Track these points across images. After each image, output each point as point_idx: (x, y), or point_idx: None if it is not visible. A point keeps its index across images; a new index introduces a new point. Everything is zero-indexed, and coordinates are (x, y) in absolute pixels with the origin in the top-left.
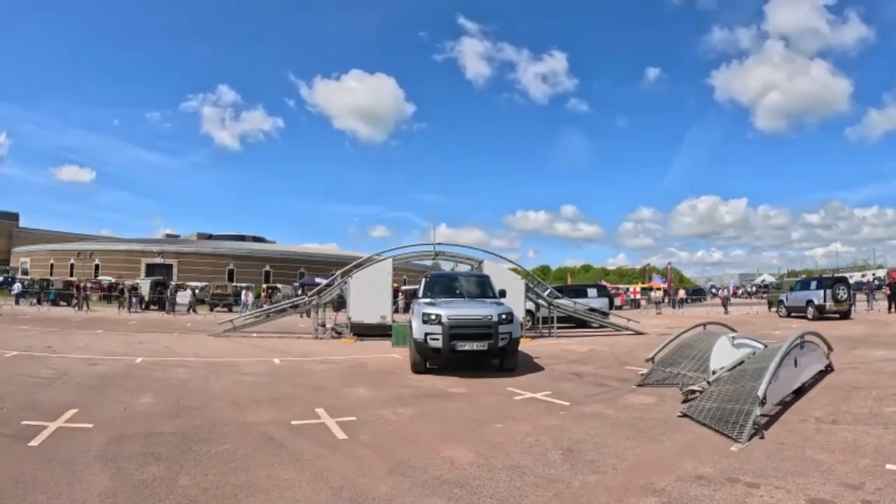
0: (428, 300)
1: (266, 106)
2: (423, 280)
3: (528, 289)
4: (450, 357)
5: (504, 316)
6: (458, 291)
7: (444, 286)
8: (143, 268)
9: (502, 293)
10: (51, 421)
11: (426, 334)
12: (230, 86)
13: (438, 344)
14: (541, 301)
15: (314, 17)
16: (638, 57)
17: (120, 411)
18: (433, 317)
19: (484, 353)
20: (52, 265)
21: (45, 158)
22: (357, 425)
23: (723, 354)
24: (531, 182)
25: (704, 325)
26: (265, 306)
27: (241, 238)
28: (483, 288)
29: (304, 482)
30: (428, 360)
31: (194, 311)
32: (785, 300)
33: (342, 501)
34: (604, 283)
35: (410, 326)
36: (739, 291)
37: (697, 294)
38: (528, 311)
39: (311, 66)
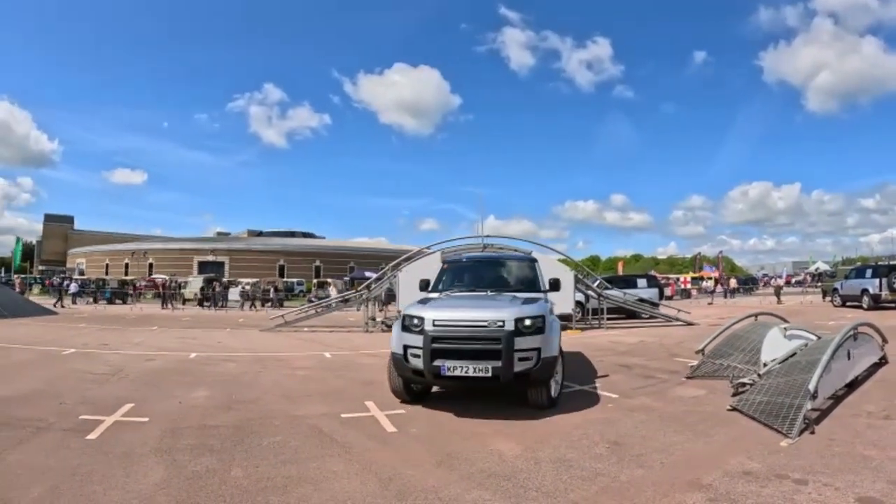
0: (428, 295)
1: (312, 103)
2: (441, 268)
3: (577, 280)
4: (444, 384)
5: (528, 322)
6: (485, 282)
7: (468, 274)
8: (195, 265)
9: (554, 284)
10: (108, 415)
11: (405, 347)
12: (276, 84)
13: (420, 363)
14: (590, 292)
15: (353, 14)
16: (683, 40)
17: (175, 405)
18: (416, 321)
19: (488, 382)
20: (107, 265)
21: (97, 162)
22: (406, 418)
23: (774, 346)
24: (579, 171)
25: (756, 315)
26: (314, 301)
27: (291, 234)
28: (522, 277)
29: (353, 474)
30: (413, 385)
31: (253, 306)
32: (839, 289)
33: (390, 493)
34: (654, 273)
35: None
36: (792, 280)
37: (749, 283)
38: (578, 303)
39: (353, 62)
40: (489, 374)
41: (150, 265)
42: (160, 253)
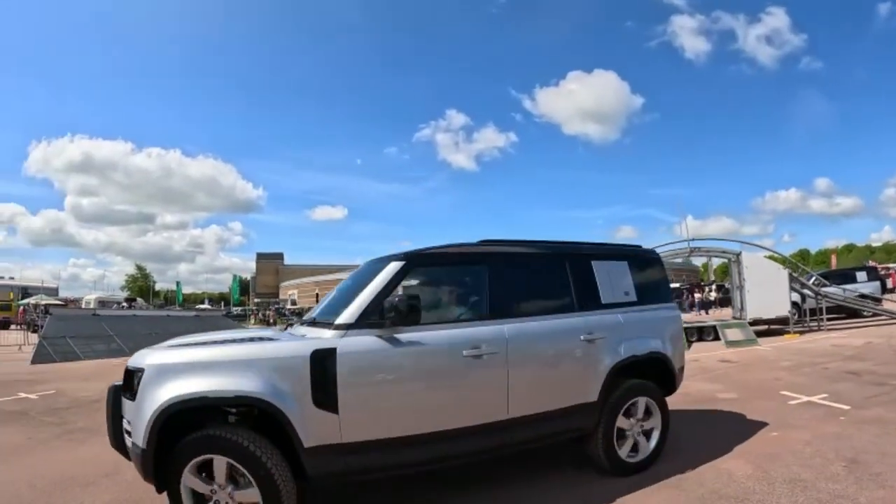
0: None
1: (496, 123)
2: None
3: (791, 278)
4: None
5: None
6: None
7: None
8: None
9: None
10: None
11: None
12: (458, 109)
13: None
14: (806, 291)
15: (515, 30)
16: None
17: None
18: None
19: None
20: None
21: (300, 203)
22: None
23: None
24: (776, 158)
25: None
26: None
27: None
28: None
29: (576, 495)
30: None
31: None
32: None
33: None
34: (872, 263)
35: None
36: None
37: None
38: (794, 304)
39: (527, 77)
40: None
41: None
42: None
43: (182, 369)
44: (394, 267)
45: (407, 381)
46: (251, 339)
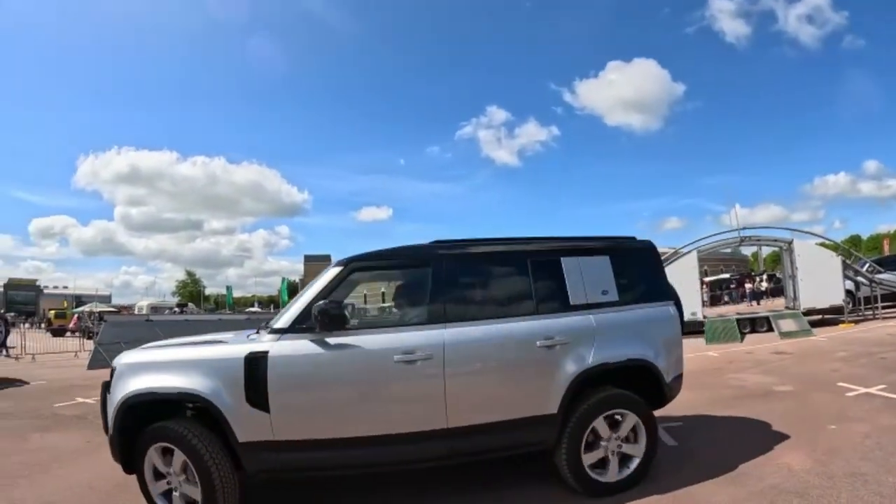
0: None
1: (537, 118)
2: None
3: (845, 266)
4: None
5: None
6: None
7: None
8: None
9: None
10: None
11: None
12: (498, 105)
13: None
14: (860, 278)
15: (551, 22)
16: None
17: None
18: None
19: None
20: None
21: (345, 205)
22: (684, 430)
23: None
24: (823, 141)
25: None
26: None
27: None
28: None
29: (638, 490)
30: None
31: None
32: None
33: None
34: None
35: None
36: None
37: None
38: (848, 292)
39: (566, 70)
40: None
41: None
42: None
43: (140, 368)
44: (332, 272)
45: (336, 385)
46: (206, 343)
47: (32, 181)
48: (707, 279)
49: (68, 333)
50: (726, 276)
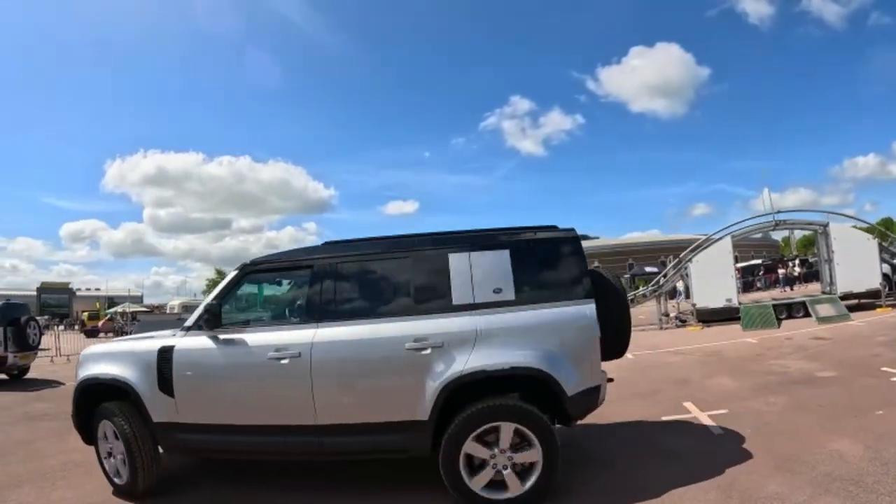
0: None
1: (561, 106)
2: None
3: (881, 249)
4: None
5: None
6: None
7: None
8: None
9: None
10: None
11: None
12: (522, 95)
13: None
14: None
15: (572, 10)
16: None
17: None
18: None
19: None
20: None
21: (371, 199)
22: (730, 418)
23: None
24: (851, 122)
25: None
26: None
27: None
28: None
29: (690, 480)
30: None
31: None
32: None
33: (733, 501)
34: None
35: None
36: None
37: None
38: (885, 276)
39: (587, 57)
40: None
41: None
42: None
43: (92, 358)
44: (230, 275)
45: (222, 376)
46: (144, 338)
47: (62, 187)
48: (738, 265)
49: (101, 334)
50: (758, 261)
